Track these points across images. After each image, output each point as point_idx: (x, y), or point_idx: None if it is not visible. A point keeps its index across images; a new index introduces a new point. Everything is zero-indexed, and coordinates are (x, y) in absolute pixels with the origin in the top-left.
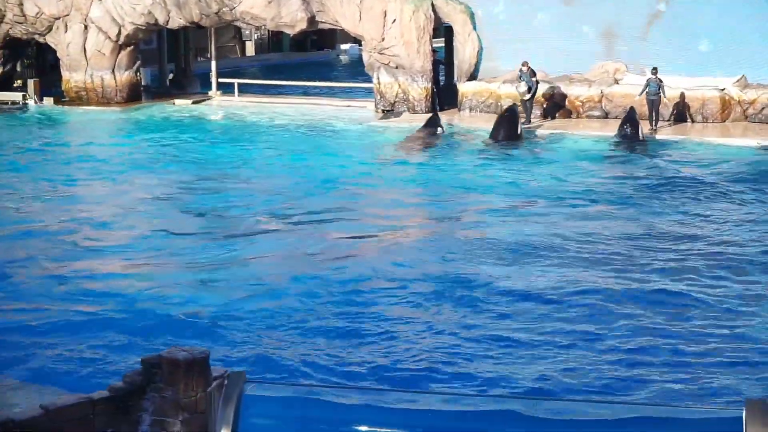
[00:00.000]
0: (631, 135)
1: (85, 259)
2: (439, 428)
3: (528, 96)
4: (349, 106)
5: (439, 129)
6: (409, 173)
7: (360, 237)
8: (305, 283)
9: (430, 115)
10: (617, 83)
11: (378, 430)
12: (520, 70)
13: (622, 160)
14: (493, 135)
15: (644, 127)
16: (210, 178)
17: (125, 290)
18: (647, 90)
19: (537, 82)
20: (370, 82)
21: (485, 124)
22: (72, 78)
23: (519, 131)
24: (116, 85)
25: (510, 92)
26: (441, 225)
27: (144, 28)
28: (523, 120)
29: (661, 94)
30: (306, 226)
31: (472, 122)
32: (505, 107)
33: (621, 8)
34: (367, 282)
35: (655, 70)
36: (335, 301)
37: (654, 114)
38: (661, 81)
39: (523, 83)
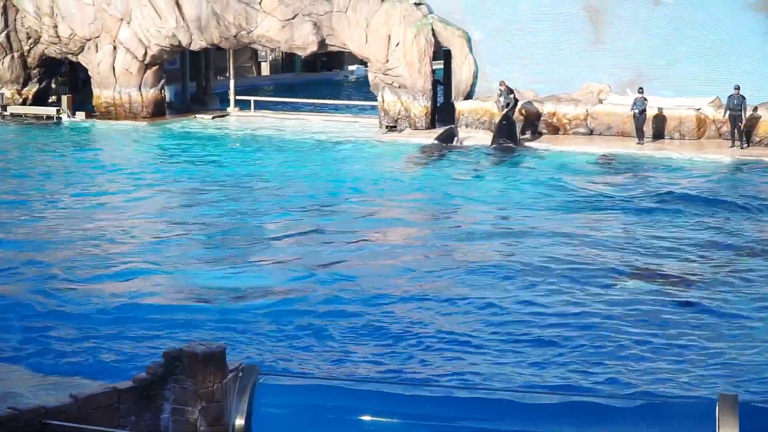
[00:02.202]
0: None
1: (112, 261)
2: (448, 417)
3: (506, 111)
4: (355, 122)
5: (455, 140)
6: (417, 183)
7: (366, 242)
8: (315, 287)
9: (447, 127)
10: (601, 102)
11: (387, 420)
12: (499, 89)
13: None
14: (495, 140)
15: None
16: (227, 187)
17: (147, 290)
18: (634, 109)
19: (515, 99)
20: (375, 100)
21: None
22: (102, 94)
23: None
24: (142, 102)
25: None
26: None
27: (168, 49)
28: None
29: (645, 111)
30: (315, 232)
31: (470, 137)
32: (500, 117)
33: (606, 31)
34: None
35: (641, 90)
36: (344, 304)
37: (639, 130)
38: (646, 100)
39: (502, 99)
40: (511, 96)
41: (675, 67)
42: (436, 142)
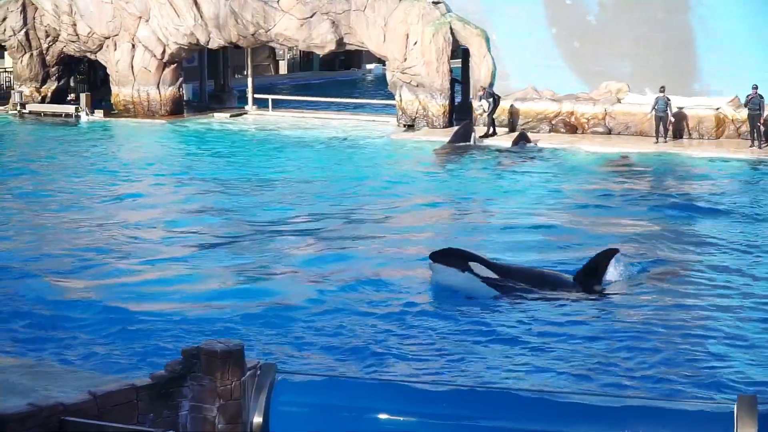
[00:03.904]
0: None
1: (128, 258)
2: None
3: (487, 112)
4: (373, 120)
5: (472, 137)
6: (435, 182)
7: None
8: (335, 286)
9: (464, 123)
10: (620, 102)
11: (406, 418)
12: (479, 94)
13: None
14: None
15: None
16: (245, 185)
17: (163, 288)
18: (656, 107)
19: (494, 100)
20: (393, 99)
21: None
22: (120, 92)
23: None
24: (161, 100)
25: (523, 109)
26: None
27: (186, 47)
28: (484, 132)
29: (668, 111)
30: (333, 232)
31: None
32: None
33: (623, 33)
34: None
35: (662, 89)
36: (364, 304)
37: (663, 130)
38: (668, 99)
39: (484, 101)
40: (490, 99)
41: (694, 66)
42: (450, 144)
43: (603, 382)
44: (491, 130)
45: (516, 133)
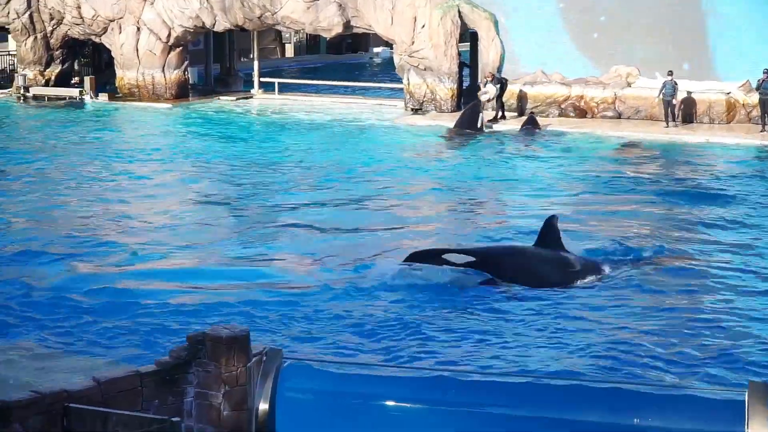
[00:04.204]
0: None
1: (132, 242)
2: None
3: (494, 97)
4: (380, 104)
5: (479, 120)
6: (442, 167)
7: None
8: (341, 272)
9: (471, 105)
10: (630, 86)
11: (415, 405)
12: (485, 79)
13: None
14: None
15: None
16: (250, 170)
17: (167, 273)
18: (663, 91)
19: (502, 85)
20: (400, 82)
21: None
22: (125, 76)
23: (479, 124)
24: (166, 83)
25: (532, 93)
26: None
27: (192, 30)
28: (493, 116)
29: (676, 95)
30: (339, 217)
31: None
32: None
33: (636, 14)
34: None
35: (671, 73)
36: (371, 290)
37: (670, 114)
38: (676, 83)
39: (490, 86)
40: (498, 85)
41: (705, 50)
42: (457, 128)
43: (610, 369)
44: (500, 114)
45: (525, 117)
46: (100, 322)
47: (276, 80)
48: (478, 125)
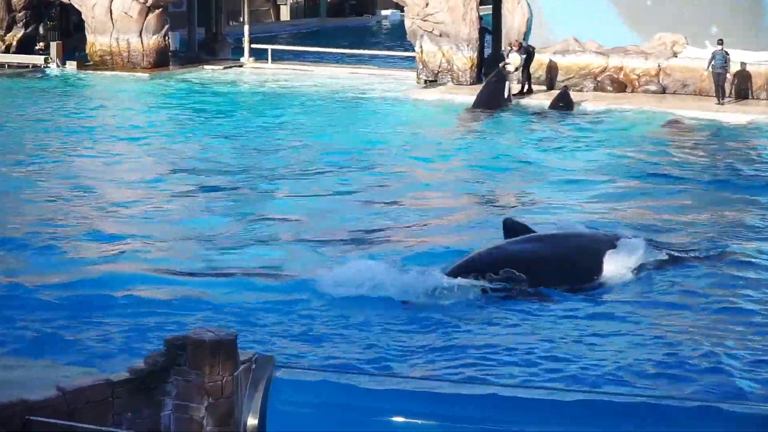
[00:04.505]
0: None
1: (103, 233)
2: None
3: (520, 68)
4: (388, 75)
5: (506, 92)
6: (460, 148)
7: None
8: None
9: (495, 73)
10: (675, 56)
11: (423, 422)
12: (508, 47)
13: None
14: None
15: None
16: (238, 150)
17: (144, 267)
18: (713, 63)
19: (529, 54)
20: (412, 50)
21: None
22: (97, 41)
23: (506, 95)
24: (143, 50)
25: (563, 63)
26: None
27: None
28: (518, 90)
29: (727, 67)
30: (340, 205)
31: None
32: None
33: None
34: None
35: (721, 42)
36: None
37: (720, 89)
38: (727, 54)
39: (515, 54)
40: (524, 56)
41: (761, 15)
42: (480, 101)
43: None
44: (526, 87)
45: (557, 92)
46: (65, 322)
47: (269, 47)
48: (504, 97)
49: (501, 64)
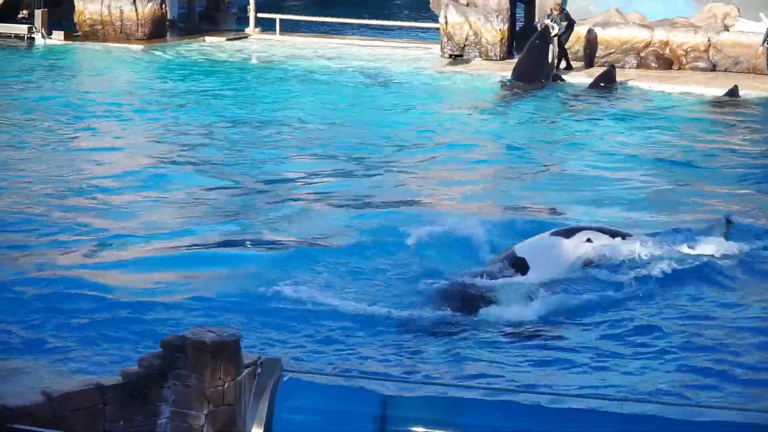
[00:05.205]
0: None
1: (91, 225)
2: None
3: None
4: (409, 48)
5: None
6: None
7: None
8: (355, 262)
9: (539, 33)
10: (727, 30)
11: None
12: (550, 10)
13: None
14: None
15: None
16: (242, 132)
17: (139, 261)
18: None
19: (569, 25)
20: (436, 21)
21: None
22: (86, 9)
23: (551, 60)
24: (137, 19)
25: (603, 37)
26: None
27: None
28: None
29: None
30: (353, 194)
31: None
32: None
33: None
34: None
35: None
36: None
37: None
38: None
39: (550, 24)
40: (563, 23)
41: None
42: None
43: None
44: (564, 64)
45: (603, 69)
46: (52, 321)
47: (277, 16)
48: (549, 62)
49: (542, 23)
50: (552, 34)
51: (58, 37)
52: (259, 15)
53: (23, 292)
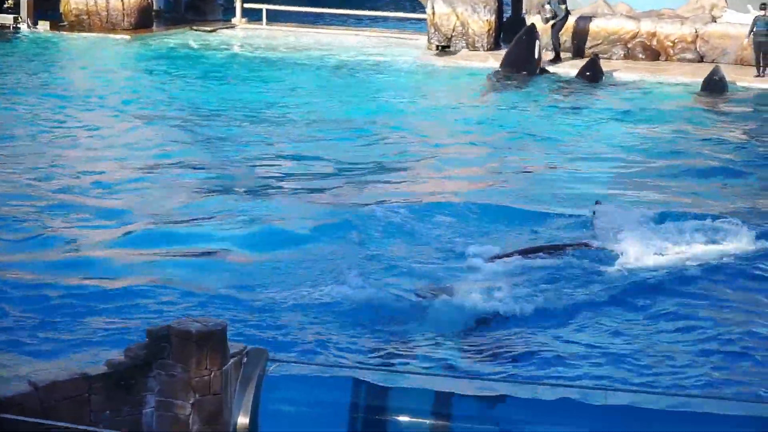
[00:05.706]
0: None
1: (78, 213)
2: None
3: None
4: (396, 39)
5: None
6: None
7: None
8: (343, 249)
9: (526, 29)
10: (715, 21)
11: (434, 422)
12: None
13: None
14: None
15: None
16: (228, 122)
17: (126, 250)
18: (754, 30)
19: (567, 12)
20: (423, 12)
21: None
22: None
23: (537, 55)
24: (123, 9)
25: (590, 28)
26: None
27: None
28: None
29: None
30: (340, 185)
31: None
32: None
33: None
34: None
35: (764, 6)
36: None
37: (762, 58)
38: None
39: (548, 9)
40: (562, 7)
41: None
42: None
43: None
44: (553, 54)
45: (586, 60)
46: (36, 311)
47: (264, 6)
48: (536, 57)
49: (541, 7)
50: (546, 16)
51: (43, 27)
52: (246, 5)
53: (5, 282)
